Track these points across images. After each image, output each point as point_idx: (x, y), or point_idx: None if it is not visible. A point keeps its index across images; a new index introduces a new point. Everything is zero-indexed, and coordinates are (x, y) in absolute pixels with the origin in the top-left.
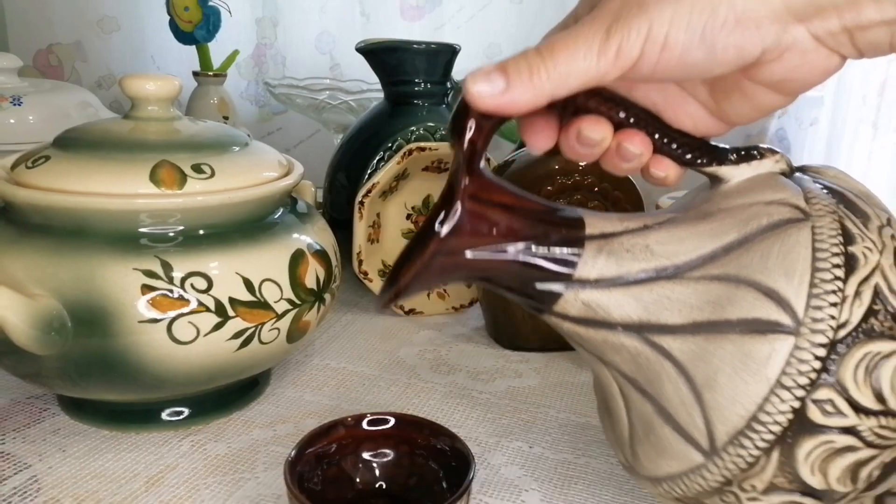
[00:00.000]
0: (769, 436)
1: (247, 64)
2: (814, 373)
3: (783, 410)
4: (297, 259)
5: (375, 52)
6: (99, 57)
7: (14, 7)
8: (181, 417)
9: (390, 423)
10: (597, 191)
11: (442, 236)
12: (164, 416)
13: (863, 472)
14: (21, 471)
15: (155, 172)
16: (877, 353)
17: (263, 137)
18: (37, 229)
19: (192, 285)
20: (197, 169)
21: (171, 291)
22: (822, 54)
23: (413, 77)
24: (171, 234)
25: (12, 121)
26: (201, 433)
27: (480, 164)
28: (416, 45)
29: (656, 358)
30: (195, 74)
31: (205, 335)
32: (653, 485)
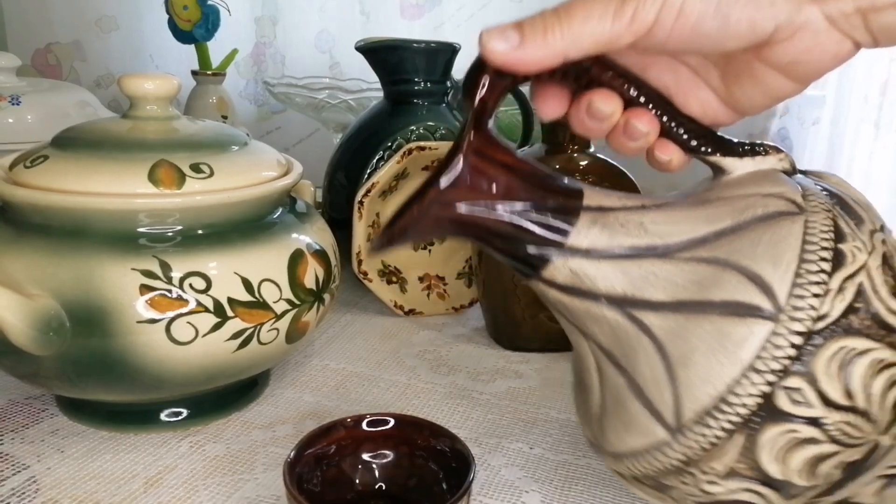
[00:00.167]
0: (735, 418)
1: (246, 63)
2: (787, 360)
3: (752, 394)
4: (296, 259)
5: (375, 51)
6: (98, 56)
7: (13, 6)
8: (180, 418)
9: (390, 423)
10: None
11: (441, 188)
12: (163, 416)
13: (822, 468)
14: (19, 471)
15: (153, 172)
16: (852, 349)
17: (262, 137)
18: (35, 229)
19: (190, 285)
20: (196, 168)
21: (170, 291)
22: (833, 37)
23: (413, 76)
24: (169, 233)
25: (11, 120)
26: (200, 434)
27: (489, 123)
28: (416, 43)
29: (635, 332)
30: (194, 73)
31: (203, 335)
32: (615, 461)
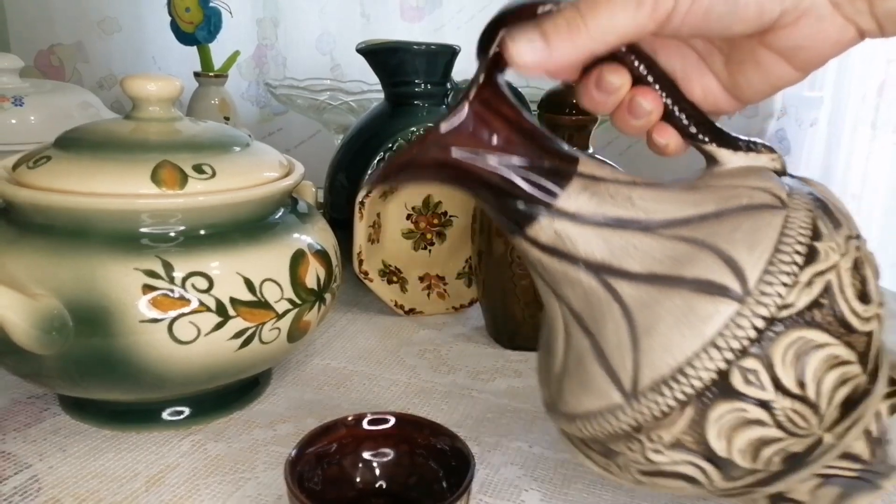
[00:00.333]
0: (689, 389)
1: (248, 65)
2: (747, 341)
3: (709, 368)
4: (297, 259)
5: (376, 53)
6: (100, 57)
7: (15, 7)
8: (182, 417)
9: (390, 422)
10: None
11: (441, 131)
12: (165, 415)
13: (765, 452)
14: (22, 470)
15: (156, 173)
16: (810, 340)
17: (264, 138)
18: (38, 229)
19: (192, 285)
20: (198, 169)
21: (172, 291)
22: (836, 23)
23: (413, 78)
24: (172, 234)
25: (14, 121)
26: (202, 433)
27: (501, 79)
28: (417, 45)
29: (607, 298)
30: (196, 75)
31: (205, 335)
32: (568, 422)
